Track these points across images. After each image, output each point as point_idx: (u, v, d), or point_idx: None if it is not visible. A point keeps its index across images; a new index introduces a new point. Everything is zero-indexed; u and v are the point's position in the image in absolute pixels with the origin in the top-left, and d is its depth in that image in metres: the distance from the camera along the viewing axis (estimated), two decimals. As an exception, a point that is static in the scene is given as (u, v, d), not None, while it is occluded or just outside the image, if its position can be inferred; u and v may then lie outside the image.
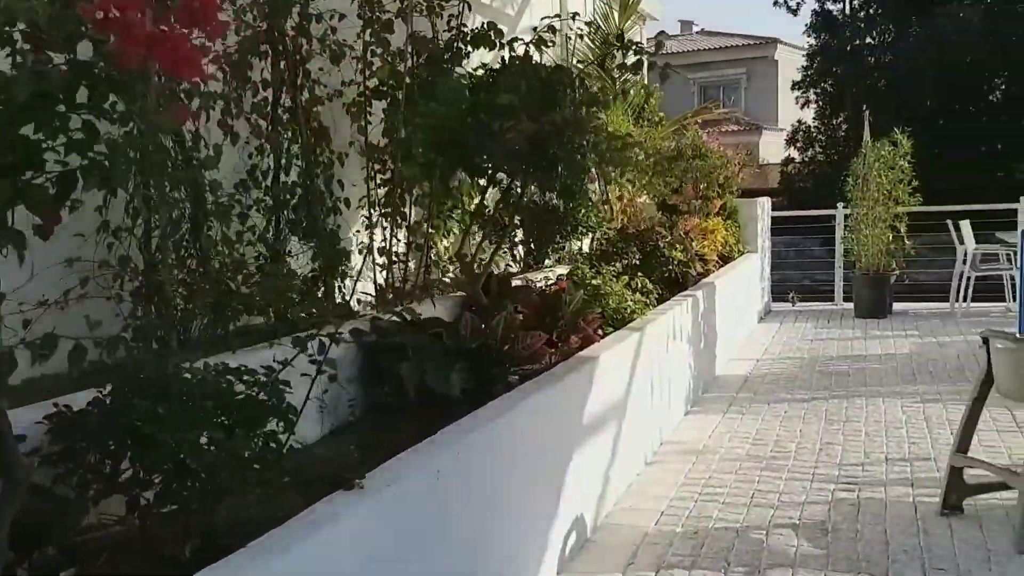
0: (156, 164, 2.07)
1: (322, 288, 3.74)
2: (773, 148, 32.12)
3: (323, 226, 3.77)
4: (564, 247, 6.40)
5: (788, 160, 27.62)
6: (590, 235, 6.60)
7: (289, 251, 3.76)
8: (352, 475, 2.28)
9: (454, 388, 3.25)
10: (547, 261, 6.59)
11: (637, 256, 6.31)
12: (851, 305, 10.60)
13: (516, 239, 6.06)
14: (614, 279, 5.45)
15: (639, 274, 5.90)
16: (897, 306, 10.48)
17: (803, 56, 27.73)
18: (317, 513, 2.15)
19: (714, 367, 7.22)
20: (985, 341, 3.97)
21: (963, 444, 4.04)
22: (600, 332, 4.89)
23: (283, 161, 3.70)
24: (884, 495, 4.38)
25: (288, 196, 3.68)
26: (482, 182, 4.42)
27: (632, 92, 9.43)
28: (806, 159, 26.85)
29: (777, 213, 11.80)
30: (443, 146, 3.81)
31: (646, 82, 10.55)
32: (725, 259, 9.18)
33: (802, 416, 5.92)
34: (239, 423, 2.31)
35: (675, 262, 6.51)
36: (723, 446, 5.29)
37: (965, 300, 10.00)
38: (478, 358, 3.49)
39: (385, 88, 4.54)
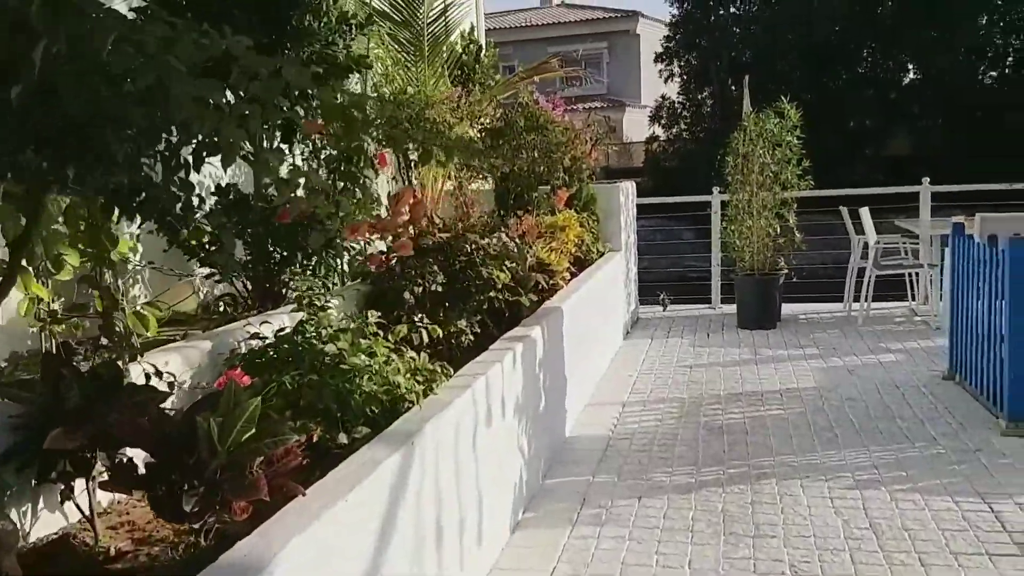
0: None
1: None
2: (637, 126, 30.69)
3: None
4: (325, 273, 4.06)
5: (652, 138, 26.16)
6: (356, 252, 4.34)
7: None
8: None
9: None
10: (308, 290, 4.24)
11: (438, 280, 4.08)
12: (732, 309, 8.77)
13: (237, 260, 3.70)
14: (379, 334, 3.18)
15: (424, 322, 3.62)
16: (784, 307, 8.68)
17: (666, 27, 26.23)
18: None
19: (564, 427, 5.11)
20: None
21: None
22: (316, 470, 2.61)
23: None
24: None
25: None
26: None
27: (457, 43, 7.19)
28: (671, 136, 25.45)
29: (645, 200, 9.84)
30: None
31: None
32: (581, 262, 7.12)
33: (690, 526, 3.84)
34: None
35: (499, 287, 4.31)
36: (567, 615, 3.14)
37: (865, 300, 8.30)
38: None
39: None
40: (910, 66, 21.32)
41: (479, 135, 4.98)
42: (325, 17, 3.55)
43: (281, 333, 3.12)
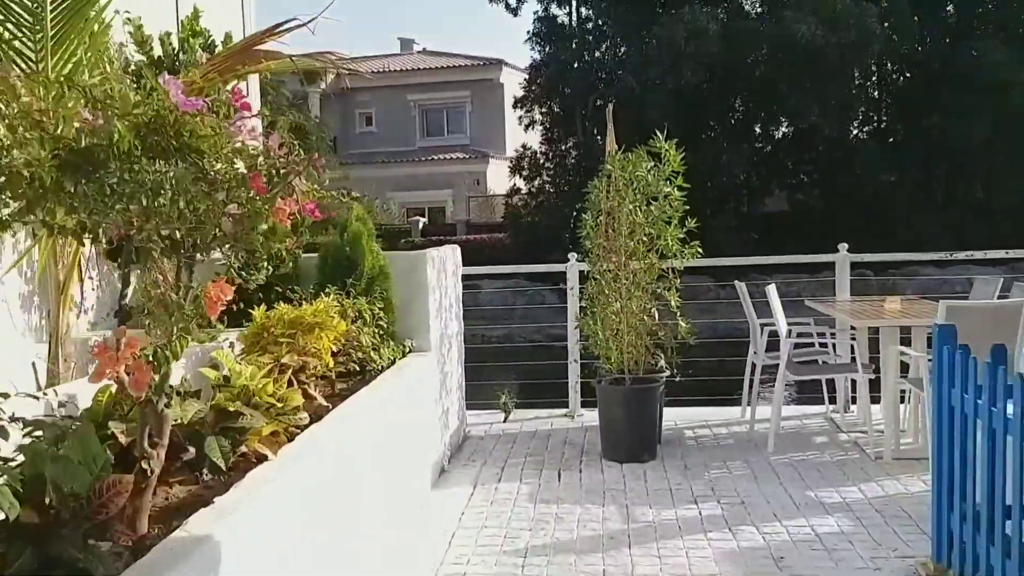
0: None
1: None
2: (501, 178, 28.59)
3: None
4: None
5: (514, 190, 23.95)
6: None
7: None
8: None
9: None
10: None
11: None
12: (595, 418, 6.21)
13: None
14: None
15: None
16: (664, 413, 6.17)
17: (527, 71, 24.26)
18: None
19: None
20: None
21: None
22: None
23: None
24: None
25: None
26: None
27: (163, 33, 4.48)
28: (533, 189, 23.30)
29: (475, 269, 7.30)
30: None
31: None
32: (360, 376, 4.47)
33: None
34: None
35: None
36: None
37: (775, 414, 5.93)
38: None
39: None
40: (783, 119, 19.97)
41: (46, 159, 2.29)
42: None
43: None
